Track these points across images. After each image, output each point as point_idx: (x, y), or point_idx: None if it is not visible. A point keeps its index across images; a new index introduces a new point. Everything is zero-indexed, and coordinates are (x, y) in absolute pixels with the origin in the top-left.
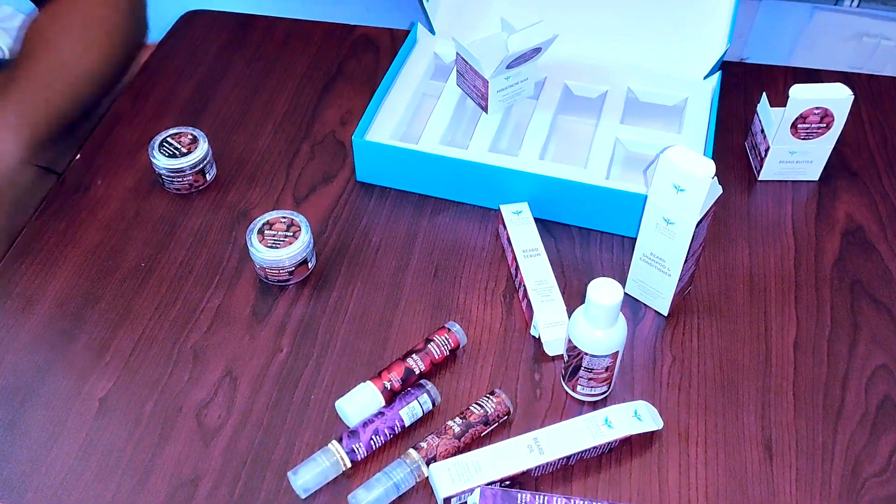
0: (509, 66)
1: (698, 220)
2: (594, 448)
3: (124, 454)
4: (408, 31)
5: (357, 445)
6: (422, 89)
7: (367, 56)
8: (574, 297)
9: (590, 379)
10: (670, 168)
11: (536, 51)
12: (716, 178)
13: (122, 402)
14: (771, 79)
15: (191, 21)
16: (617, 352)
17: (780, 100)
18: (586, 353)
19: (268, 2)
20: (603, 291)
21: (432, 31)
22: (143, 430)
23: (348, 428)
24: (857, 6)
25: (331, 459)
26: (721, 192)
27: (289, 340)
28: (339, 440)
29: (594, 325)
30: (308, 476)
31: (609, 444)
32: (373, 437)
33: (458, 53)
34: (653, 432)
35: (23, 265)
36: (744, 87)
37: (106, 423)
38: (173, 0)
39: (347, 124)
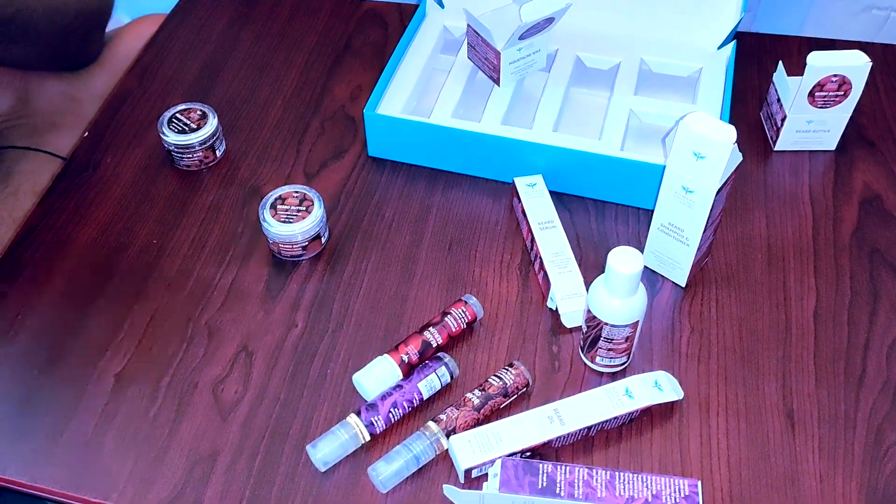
0: (522, 38)
1: (718, 187)
2: (615, 418)
3: (141, 430)
4: (415, 6)
5: (376, 418)
6: (432, 63)
7: (376, 31)
8: (590, 269)
9: (609, 349)
10: (690, 135)
11: (549, 21)
12: (736, 144)
13: (137, 378)
14: (785, 49)
15: None
16: (637, 321)
17: (794, 70)
18: (606, 323)
19: None
20: (623, 260)
21: (441, 5)
22: (159, 405)
23: (366, 402)
24: None
25: (350, 433)
26: (741, 159)
27: (303, 315)
28: (358, 413)
29: (614, 295)
30: (327, 449)
31: (629, 414)
32: (391, 410)
33: (469, 25)
34: (673, 402)
35: (33, 244)
36: (757, 57)
37: (122, 399)
38: None
39: (357, 99)
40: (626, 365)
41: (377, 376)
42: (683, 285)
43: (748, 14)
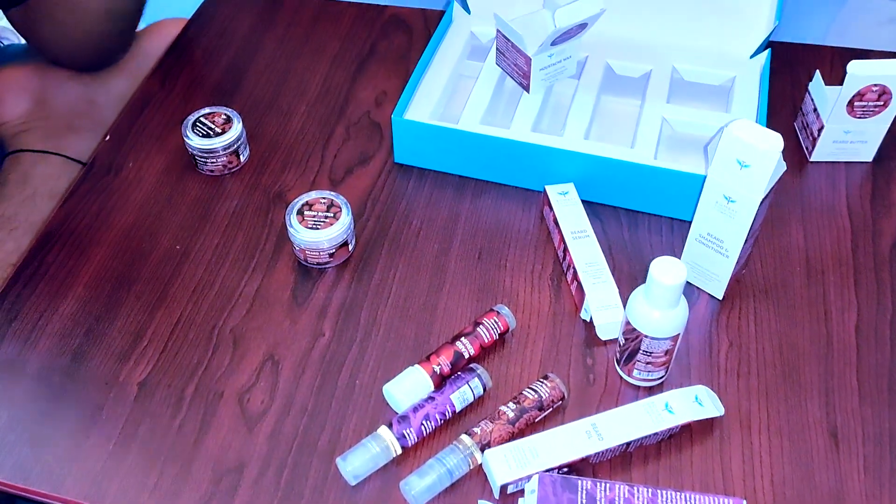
0: (553, 43)
1: (763, 197)
2: (654, 434)
3: (166, 440)
4: (440, 12)
5: (408, 431)
6: (459, 69)
7: (400, 36)
8: (623, 280)
9: (647, 363)
10: (734, 142)
11: (582, 26)
12: (781, 154)
13: (161, 387)
14: (817, 58)
15: (217, 1)
16: (678, 334)
17: (827, 80)
18: (646, 336)
19: None
20: (667, 270)
21: (468, 10)
22: (184, 415)
23: (396, 413)
24: None
25: (381, 445)
26: (785, 168)
27: (331, 324)
28: (389, 426)
29: (655, 306)
30: (358, 462)
31: (670, 430)
32: (423, 422)
33: (498, 31)
34: (713, 419)
35: (54, 248)
36: (790, 66)
37: (146, 408)
38: None
39: (382, 105)
40: (663, 379)
41: (409, 387)
42: (720, 298)
43: None
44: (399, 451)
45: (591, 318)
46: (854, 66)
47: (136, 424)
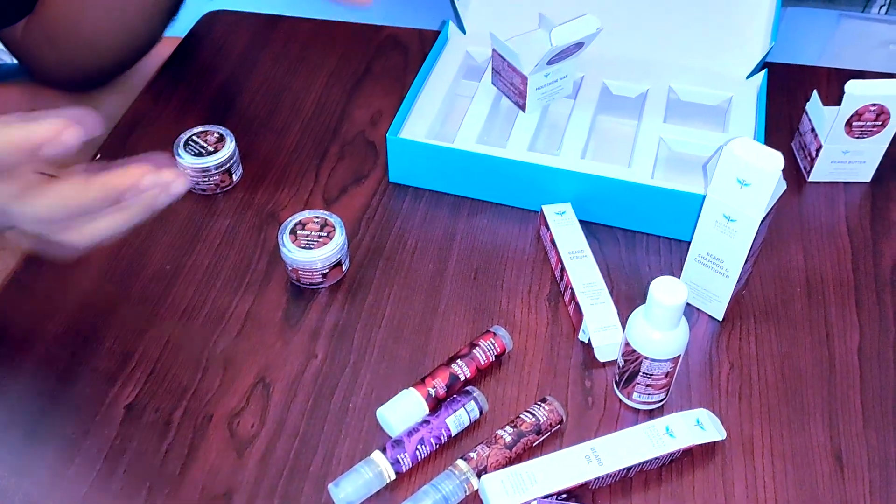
0: (550, 62)
1: (763, 216)
2: (655, 459)
3: (152, 465)
4: (436, 33)
5: (402, 456)
6: (454, 89)
7: (396, 56)
8: (622, 301)
9: (648, 385)
10: (734, 161)
11: (579, 45)
12: (781, 172)
13: (149, 410)
14: (813, 79)
15: (212, 21)
16: (679, 356)
17: (824, 100)
18: (646, 357)
19: (289, 3)
20: (668, 290)
21: (463, 31)
22: (171, 439)
23: (390, 438)
24: (886, 13)
25: (374, 471)
26: (786, 187)
27: (323, 346)
28: (383, 450)
29: (655, 327)
30: (350, 489)
31: (671, 454)
32: (418, 446)
33: (494, 50)
34: (714, 443)
35: (42, 268)
36: (786, 87)
37: (133, 432)
38: (193, 2)
39: (378, 124)
40: (663, 402)
41: (403, 411)
42: (720, 319)
43: None
44: (393, 477)
45: (589, 340)
46: (852, 86)
47: (122, 449)
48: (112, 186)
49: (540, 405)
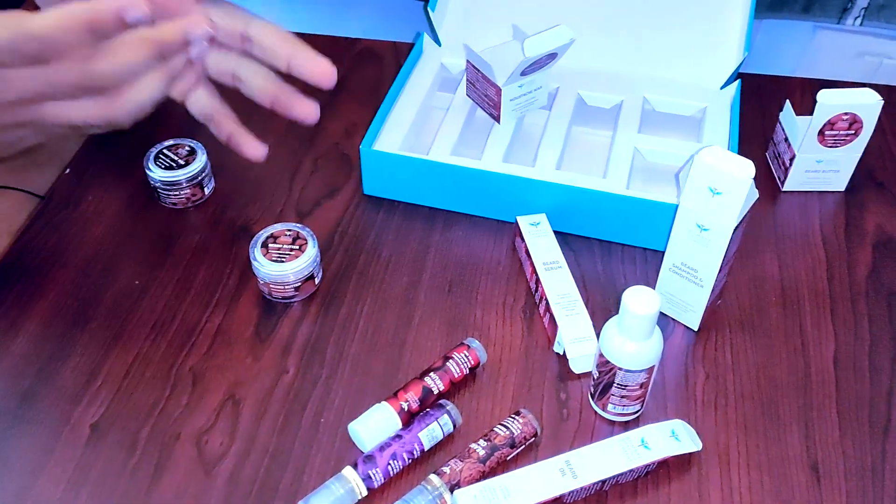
0: (523, 73)
1: (735, 225)
2: (630, 471)
3: (118, 485)
4: (411, 44)
5: (374, 471)
6: (429, 101)
7: (371, 68)
8: (597, 312)
9: (622, 396)
10: (706, 170)
11: (552, 56)
12: (753, 181)
13: (115, 429)
14: (786, 89)
15: None
16: (653, 366)
17: (797, 110)
18: (620, 368)
19: (263, 16)
20: (640, 300)
21: (438, 43)
22: (138, 458)
23: (362, 453)
24: (861, 25)
25: (346, 487)
26: (758, 196)
27: (295, 361)
28: (354, 466)
29: (629, 338)
30: None
31: (646, 466)
32: (390, 461)
33: (468, 61)
34: (690, 454)
35: (7, 284)
36: (759, 97)
37: (98, 452)
38: None
39: (352, 137)
40: (639, 413)
41: (375, 425)
42: (696, 329)
43: None
44: (364, 493)
45: (564, 352)
46: (824, 96)
47: (88, 468)
48: (158, 39)
49: (514, 418)
